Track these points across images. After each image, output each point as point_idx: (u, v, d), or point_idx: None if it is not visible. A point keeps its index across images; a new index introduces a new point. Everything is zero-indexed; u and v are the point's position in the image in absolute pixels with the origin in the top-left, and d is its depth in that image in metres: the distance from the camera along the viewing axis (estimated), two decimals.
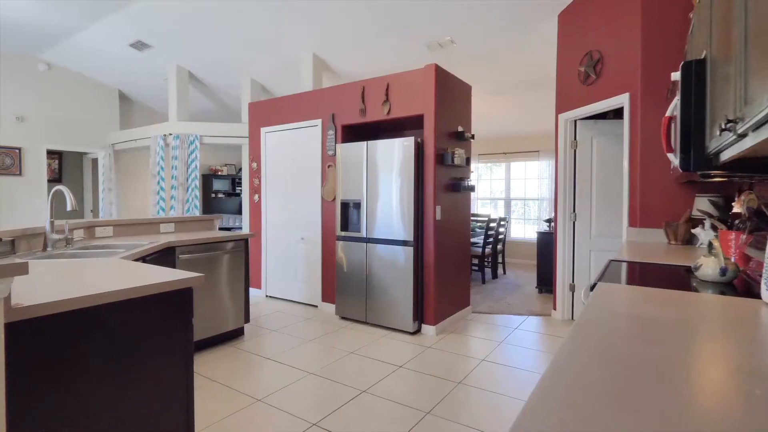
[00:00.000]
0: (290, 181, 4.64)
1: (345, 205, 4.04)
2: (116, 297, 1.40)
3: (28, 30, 5.41)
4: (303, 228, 4.55)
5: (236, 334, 3.52)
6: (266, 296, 4.91)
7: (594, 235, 3.99)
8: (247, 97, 6.21)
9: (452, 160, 3.73)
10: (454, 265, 3.97)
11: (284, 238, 4.71)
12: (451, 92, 3.88)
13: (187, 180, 6.21)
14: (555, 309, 4.17)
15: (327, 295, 4.38)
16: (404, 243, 3.63)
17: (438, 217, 3.67)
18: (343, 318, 4.09)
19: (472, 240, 5.74)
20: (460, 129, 4.00)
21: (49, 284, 1.45)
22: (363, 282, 3.89)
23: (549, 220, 5.24)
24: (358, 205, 3.97)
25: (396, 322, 3.69)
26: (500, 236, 6.03)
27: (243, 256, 3.47)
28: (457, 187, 3.95)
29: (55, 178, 8.03)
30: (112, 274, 1.69)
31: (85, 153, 7.79)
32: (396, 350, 3.27)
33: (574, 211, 4.05)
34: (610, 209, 3.95)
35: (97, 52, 6.05)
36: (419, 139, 3.66)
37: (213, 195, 9.05)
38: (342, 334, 3.65)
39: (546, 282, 5.06)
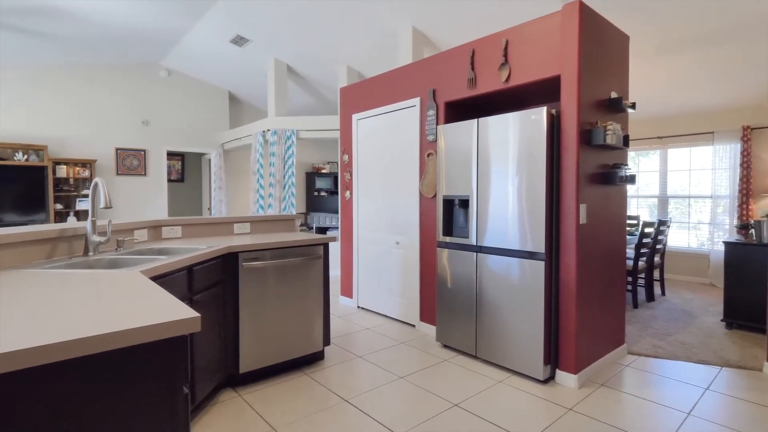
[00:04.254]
0: (384, 175, 3.93)
1: (448, 203, 3.17)
2: (20, 362, 0.77)
3: (147, 36, 5.64)
4: (398, 230, 3.79)
5: (314, 358, 2.90)
6: (358, 307, 4.29)
7: None
8: (344, 85, 5.71)
9: (604, 139, 2.60)
10: (604, 287, 2.82)
11: (377, 241, 4.02)
12: (602, 43, 2.74)
13: (284, 177, 5.96)
14: None
15: (426, 314, 3.56)
16: (531, 255, 2.63)
17: (582, 219, 2.58)
18: (445, 346, 3.23)
19: None
20: (614, 95, 2.83)
21: None
22: (472, 303, 2.97)
23: (746, 226, 3.66)
24: (465, 203, 3.06)
25: (518, 362, 2.70)
26: (658, 245, 4.53)
27: (321, 265, 2.83)
28: (611, 177, 2.79)
29: (178, 179, 8.65)
30: (86, 303, 1.10)
31: (203, 154, 8.21)
32: (520, 408, 2.30)
33: None
34: None
35: (205, 54, 6.14)
36: (553, 111, 2.62)
37: (316, 193, 8.92)
38: (443, 371, 2.79)
39: (742, 314, 3.51)
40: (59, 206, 5.96)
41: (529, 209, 2.63)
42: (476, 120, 2.92)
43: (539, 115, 2.58)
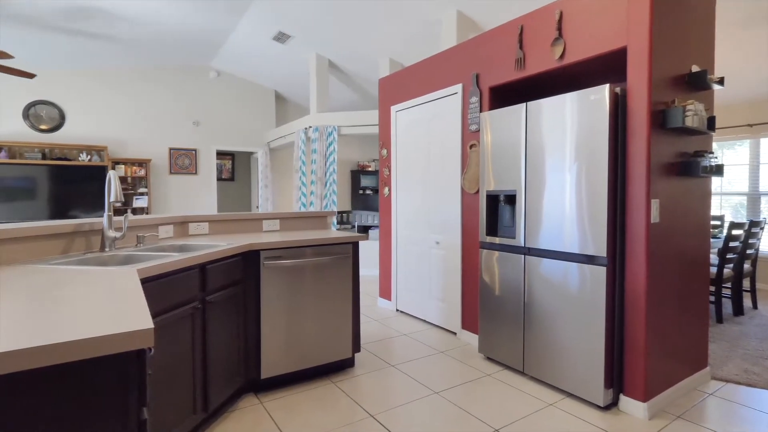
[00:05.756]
0: (423, 170, 3.66)
1: (492, 199, 2.84)
2: None
3: (196, 38, 5.78)
4: (438, 229, 3.51)
5: (343, 365, 2.71)
6: (396, 310, 4.05)
7: None
8: None
9: (683, 121, 2.16)
10: (681, 297, 2.36)
11: (416, 240, 3.75)
12: (680, 5, 2.29)
13: (326, 174, 5.86)
14: None
15: (468, 322, 3.25)
16: (590, 259, 2.25)
17: (654, 218, 2.16)
18: (488, 359, 2.90)
19: None
20: (695, 69, 2.37)
21: None
22: (519, 312, 2.63)
23: None
24: (511, 199, 2.72)
25: (573, 383, 2.32)
26: (749, 250, 3.86)
27: (351, 265, 2.63)
28: (691, 167, 2.32)
29: (229, 178, 8.91)
30: (42, 307, 0.96)
31: (252, 153, 8.38)
32: None
33: None
34: None
35: (250, 54, 6.20)
36: (617, 90, 2.22)
37: (361, 191, 8.81)
38: (485, 388, 2.48)
39: None
40: (117, 204, 6.28)
41: (588, 206, 2.25)
42: (524, 104, 2.57)
43: (600, 94, 2.19)
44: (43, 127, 6.03)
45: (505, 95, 3.10)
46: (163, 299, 1.61)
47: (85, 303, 1.00)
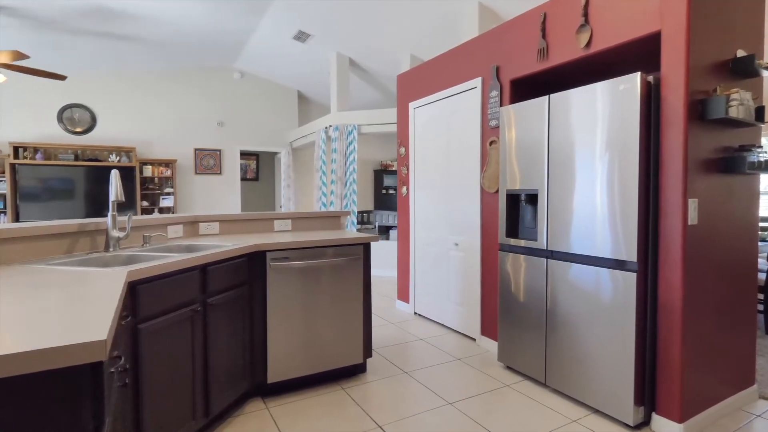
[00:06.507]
0: (442, 168, 3.52)
1: (513, 199, 2.68)
2: None
3: (219, 39, 5.85)
4: (457, 230, 3.36)
5: (355, 371, 2.62)
6: (414, 313, 3.93)
7: None
8: None
9: (726, 111, 1.93)
10: (724, 307, 2.13)
11: (435, 241, 3.62)
12: None
13: (346, 174, 5.80)
14: None
15: (488, 328, 3.09)
16: (618, 264, 2.06)
17: (692, 219, 1.95)
18: (508, 368, 2.74)
19: None
20: (741, 53, 2.13)
21: None
22: (541, 319, 2.46)
23: None
24: (533, 199, 2.55)
25: (599, 398, 2.14)
26: None
27: (362, 267, 2.53)
28: (735, 163, 2.09)
29: (254, 177, 9.02)
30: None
31: (276, 153, 8.45)
32: None
33: None
34: None
35: (271, 54, 6.22)
36: (650, 79, 2.02)
37: (384, 191, 8.72)
38: (502, 399, 2.33)
39: None
40: (145, 203, 6.46)
41: (616, 206, 2.06)
42: (547, 97, 2.40)
43: (630, 83, 2.00)
44: (77, 129, 6.27)
45: (526, 89, 2.93)
46: (160, 301, 1.56)
47: (47, 309, 0.95)
